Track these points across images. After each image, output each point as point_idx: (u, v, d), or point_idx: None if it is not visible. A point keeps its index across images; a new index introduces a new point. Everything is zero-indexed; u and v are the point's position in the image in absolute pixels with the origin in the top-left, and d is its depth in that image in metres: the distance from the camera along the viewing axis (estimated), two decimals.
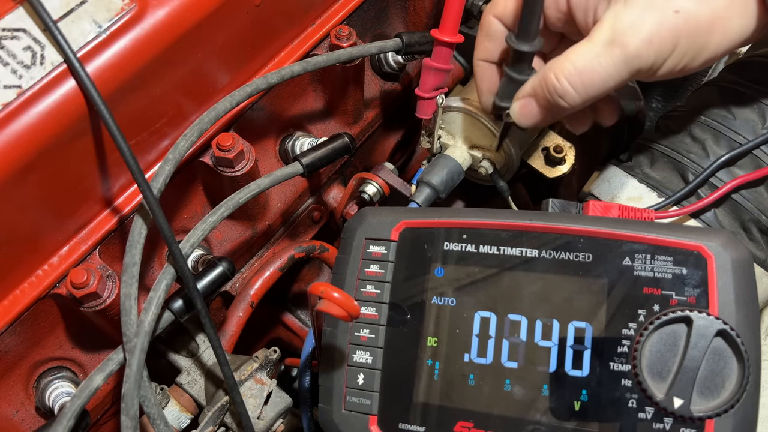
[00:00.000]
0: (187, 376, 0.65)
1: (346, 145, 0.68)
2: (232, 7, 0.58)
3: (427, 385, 0.51)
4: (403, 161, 0.99)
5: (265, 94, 0.68)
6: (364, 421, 0.52)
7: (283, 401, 0.63)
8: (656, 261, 0.48)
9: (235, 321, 0.69)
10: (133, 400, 0.49)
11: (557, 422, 0.47)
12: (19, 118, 0.47)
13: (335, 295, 0.44)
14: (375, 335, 0.53)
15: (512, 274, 0.51)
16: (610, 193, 0.70)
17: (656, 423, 0.45)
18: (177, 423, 0.63)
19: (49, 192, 0.52)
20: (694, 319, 0.45)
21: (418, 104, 0.71)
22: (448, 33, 0.65)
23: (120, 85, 0.52)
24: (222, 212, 0.57)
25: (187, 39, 0.55)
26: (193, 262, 0.66)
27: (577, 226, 0.50)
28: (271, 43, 0.66)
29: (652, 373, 0.46)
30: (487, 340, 0.50)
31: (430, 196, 0.67)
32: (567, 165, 0.78)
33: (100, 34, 0.51)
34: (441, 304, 0.52)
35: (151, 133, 0.57)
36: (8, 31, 0.48)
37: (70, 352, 0.61)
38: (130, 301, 0.51)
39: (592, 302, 0.48)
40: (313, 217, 0.79)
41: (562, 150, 0.78)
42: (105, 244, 0.58)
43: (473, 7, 0.92)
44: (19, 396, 0.58)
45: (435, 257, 0.53)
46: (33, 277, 0.54)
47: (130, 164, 0.50)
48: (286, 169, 0.64)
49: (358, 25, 0.76)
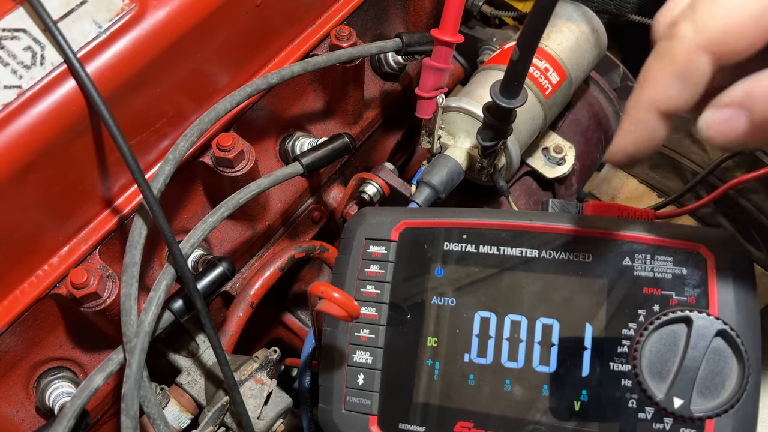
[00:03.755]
0: (187, 376, 0.65)
1: (346, 145, 0.68)
2: (232, 7, 0.58)
3: (427, 385, 0.51)
4: (403, 161, 0.99)
5: (265, 94, 0.68)
6: (364, 421, 0.52)
7: (283, 401, 0.63)
8: (656, 261, 0.48)
9: (235, 321, 0.68)
10: (133, 400, 0.49)
11: (557, 422, 0.47)
12: (19, 119, 0.47)
13: (335, 295, 0.44)
14: (375, 335, 0.53)
15: (512, 274, 0.51)
16: (610, 193, 0.70)
17: (656, 423, 0.45)
18: (177, 423, 0.63)
19: (49, 192, 0.52)
20: (694, 319, 0.45)
21: (418, 104, 0.71)
22: (448, 33, 0.66)
23: (120, 86, 0.52)
24: (222, 212, 0.57)
25: (187, 39, 0.55)
26: (193, 262, 0.66)
27: (577, 226, 0.50)
28: (271, 43, 0.66)
29: (652, 373, 0.46)
30: (487, 340, 0.50)
31: (430, 196, 0.67)
32: (567, 165, 0.79)
33: (100, 34, 0.51)
34: (441, 304, 0.52)
35: (151, 133, 0.57)
36: (8, 32, 0.48)
37: (70, 352, 0.61)
38: (130, 301, 0.51)
39: (592, 302, 0.48)
40: (313, 217, 0.79)
41: (562, 150, 0.78)
42: (105, 244, 0.58)
43: (473, 7, 0.92)
44: (19, 396, 0.58)
45: (435, 257, 0.53)
46: (33, 277, 0.54)
47: (130, 164, 0.50)
48: (286, 169, 0.64)
49: (358, 25, 0.76)
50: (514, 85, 0.54)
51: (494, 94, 0.55)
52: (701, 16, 0.34)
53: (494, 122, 0.59)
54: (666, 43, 0.36)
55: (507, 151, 0.69)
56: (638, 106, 0.38)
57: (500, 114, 0.58)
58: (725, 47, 0.34)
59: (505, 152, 0.70)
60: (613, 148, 0.41)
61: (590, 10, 0.78)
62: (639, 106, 0.38)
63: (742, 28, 0.34)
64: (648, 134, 0.38)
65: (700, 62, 0.35)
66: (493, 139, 0.61)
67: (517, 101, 0.55)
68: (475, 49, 0.88)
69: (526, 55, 0.51)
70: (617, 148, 0.40)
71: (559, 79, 0.73)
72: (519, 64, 0.52)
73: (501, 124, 0.59)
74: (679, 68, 0.35)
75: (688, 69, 0.35)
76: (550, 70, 0.72)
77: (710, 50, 0.34)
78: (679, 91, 0.36)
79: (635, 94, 0.38)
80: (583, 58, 0.77)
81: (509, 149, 0.69)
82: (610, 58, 0.92)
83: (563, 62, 0.74)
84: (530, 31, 0.48)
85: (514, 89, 0.54)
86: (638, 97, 0.38)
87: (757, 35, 0.34)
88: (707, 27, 0.34)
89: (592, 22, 0.77)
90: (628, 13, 0.89)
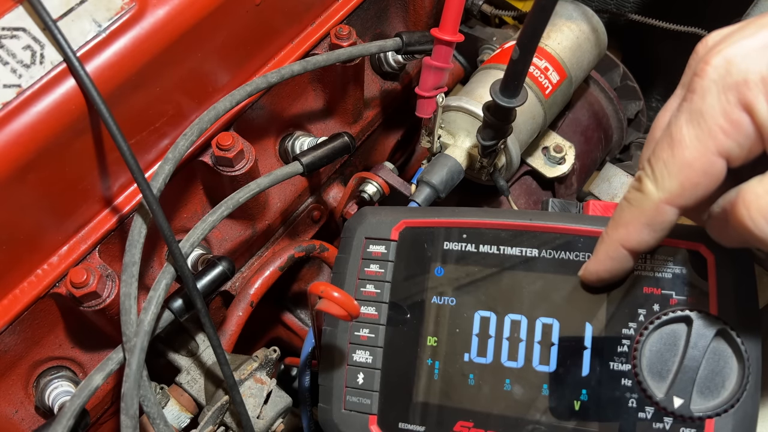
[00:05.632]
0: (186, 376, 0.65)
1: (345, 144, 0.68)
2: (232, 6, 0.58)
3: (426, 384, 0.51)
4: (403, 161, 0.99)
5: (265, 94, 0.68)
6: (363, 420, 0.52)
7: (283, 401, 0.63)
8: (656, 260, 0.48)
9: (234, 320, 0.68)
10: (133, 400, 0.49)
11: (557, 422, 0.47)
12: (18, 118, 0.47)
13: (335, 295, 0.44)
14: (375, 335, 0.53)
15: (512, 274, 0.51)
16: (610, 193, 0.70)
17: (656, 423, 0.45)
18: (177, 422, 0.63)
19: (49, 191, 0.52)
20: (694, 318, 0.45)
21: (418, 103, 0.71)
22: (448, 32, 0.66)
23: (120, 85, 0.52)
24: (222, 212, 0.57)
25: (187, 38, 0.55)
26: (193, 261, 0.66)
27: (577, 225, 0.50)
28: (271, 42, 0.66)
29: (652, 372, 0.46)
30: (487, 340, 0.50)
31: (430, 195, 0.67)
32: (567, 165, 0.79)
33: (100, 33, 0.50)
34: (441, 304, 0.52)
35: (150, 133, 0.57)
36: (8, 30, 0.48)
37: (69, 352, 0.61)
38: (129, 300, 0.51)
39: (592, 302, 0.48)
40: (312, 217, 0.79)
41: (562, 150, 0.78)
42: (105, 244, 0.58)
43: (473, 6, 0.92)
44: (19, 395, 0.58)
45: (435, 257, 0.53)
46: (33, 276, 0.54)
47: (129, 163, 0.50)
48: (286, 169, 0.64)
49: (358, 25, 0.76)
50: (514, 85, 0.54)
51: (494, 94, 0.55)
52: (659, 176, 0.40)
53: (494, 121, 0.59)
54: (635, 194, 0.42)
55: (507, 150, 0.69)
56: (612, 243, 0.44)
57: (500, 113, 0.58)
58: (684, 200, 0.40)
59: (505, 151, 0.70)
60: (588, 271, 0.47)
61: (590, 10, 0.78)
62: (613, 243, 0.44)
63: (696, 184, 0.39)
64: (619, 265, 0.45)
65: (666, 212, 0.41)
66: (493, 138, 0.61)
67: (517, 100, 0.55)
68: (475, 48, 0.88)
69: (526, 54, 0.50)
70: (591, 273, 0.47)
71: (559, 79, 0.73)
72: (519, 64, 0.51)
73: (501, 124, 0.59)
74: (647, 219, 0.41)
75: (655, 219, 0.41)
76: (550, 70, 0.72)
77: (672, 203, 0.40)
78: (647, 235, 0.42)
79: (610, 230, 0.44)
80: (583, 57, 0.77)
81: (509, 148, 0.69)
82: (610, 57, 0.92)
83: (563, 62, 0.74)
84: (530, 30, 0.48)
85: (514, 88, 0.54)
86: (612, 236, 0.44)
87: (710, 185, 0.39)
88: (665, 187, 0.40)
89: (592, 22, 0.77)
90: (628, 13, 0.89)
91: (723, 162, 0.38)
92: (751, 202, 0.36)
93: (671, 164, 0.39)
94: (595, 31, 0.77)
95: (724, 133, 0.37)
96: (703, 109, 0.38)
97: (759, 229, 0.36)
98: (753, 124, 0.37)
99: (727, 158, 0.38)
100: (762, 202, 0.36)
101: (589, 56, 0.78)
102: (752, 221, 0.36)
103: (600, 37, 0.78)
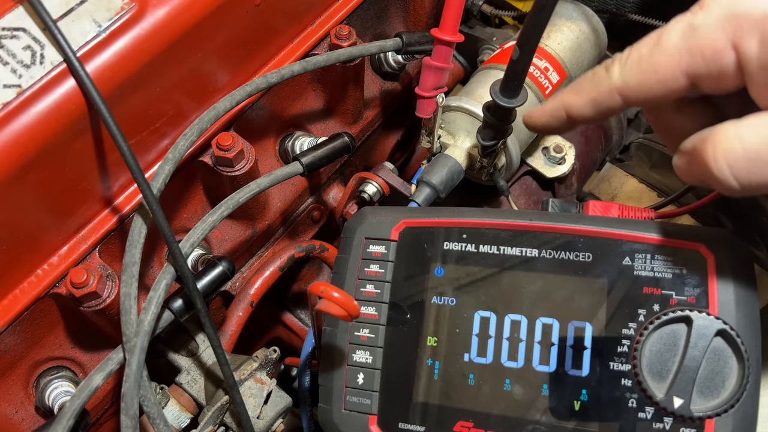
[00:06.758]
0: (186, 376, 0.65)
1: (345, 144, 0.68)
2: (232, 6, 0.58)
3: (426, 384, 0.51)
4: (403, 161, 0.99)
5: (265, 94, 0.68)
6: (363, 420, 0.52)
7: (283, 401, 0.63)
8: (656, 261, 0.48)
9: (234, 320, 0.68)
10: (133, 400, 0.49)
11: (557, 422, 0.47)
12: (18, 118, 0.47)
13: (335, 295, 0.44)
14: (375, 335, 0.53)
15: (512, 274, 0.51)
16: (610, 193, 0.70)
17: (656, 423, 0.45)
18: (177, 422, 0.63)
19: (49, 191, 0.52)
20: (694, 318, 0.45)
21: (418, 103, 0.71)
22: (448, 32, 0.65)
23: (120, 85, 0.52)
24: (222, 212, 0.57)
25: (187, 38, 0.55)
26: (193, 261, 0.66)
27: (577, 226, 0.50)
28: (271, 42, 0.66)
29: (652, 372, 0.46)
30: (487, 340, 0.50)
31: (430, 195, 0.67)
32: (567, 165, 0.79)
33: (100, 33, 0.50)
34: (441, 304, 0.52)
35: (150, 133, 0.57)
36: (8, 31, 0.48)
37: (69, 352, 0.61)
38: (129, 300, 0.51)
39: (592, 302, 0.48)
40: (312, 217, 0.79)
41: (562, 150, 0.78)
42: (105, 244, 0.58)
43: (473, 6, 0.92)
44: (19, 395, 0.58)
45: (435, 257, 0.53)
46: (33, 276, 0.54)
47: (129, 164, 0.50)
48: (286, 169, 0.64)
49: (358, 25, 0.76)
50: (514, 85, 0.54)
51: (494, 94, 0.55)
52: (627, 66, 0.42)
53: (494, 122, 0.59)
54: (601, 72, 0.44)
55: (507, 150, 0.69)
56: (559, 103, 0.47)
57: (500, 113, 0.58)
58: (635, 98, 0.42)
59: (505, 152, 0.70)
60: (531, 116, 0.50)
61: (590, 10, 0.78)
62: (559, 103, 0.47)
63: (650, 89, 0.41)
64: (555, 123, 0.48)
65: (614, 100, 0.43)
66: (493, 138, 0.61)
67: (517, 101, 0.55)
68: (475, 48, 0.88)
69: (526, 54, 0.51)
70: (532, 118, 0.50)
71: (559, 79, 0.73)
72: (519, 64, 0.51)
73: (501, 124, 0.59)
74: (597, 97, 0.44)
75: (602, 101, 0.44)
76: (550, 70, 0.72)
77: (623, 95, 0.42)
78: (588, 110, 0.45)
79: (565, 92, 0.47)
80: (583, 57, 0.77)
81: (509, 149, 0.69)
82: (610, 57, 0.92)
83: (563, 62, 0.74)
84: (530, 30, 0.48)
85: (514, 89, 0.54)
86: (564, 97, 0.47)
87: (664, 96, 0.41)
88: (625, 78, 0.42)
89: (592, 22, 0.77)
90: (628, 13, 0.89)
91: (687, 82, 0.39)
92: (719, 142, 0.37)
93: (643, 61, 0.41)
94: (595, 31, 0.77)
95: (702, 57, 0.38)
96: (698, 27, 0.38)
97: (719, 170, 0.37)
98: (735, 61, 0.38)
99: (694, 81, 0.39)
100: (728, 144, 0.37)
101: (589, 56, 0.78)
102: (714, 161, 0.37)
103: (600, 37, 0.78)
